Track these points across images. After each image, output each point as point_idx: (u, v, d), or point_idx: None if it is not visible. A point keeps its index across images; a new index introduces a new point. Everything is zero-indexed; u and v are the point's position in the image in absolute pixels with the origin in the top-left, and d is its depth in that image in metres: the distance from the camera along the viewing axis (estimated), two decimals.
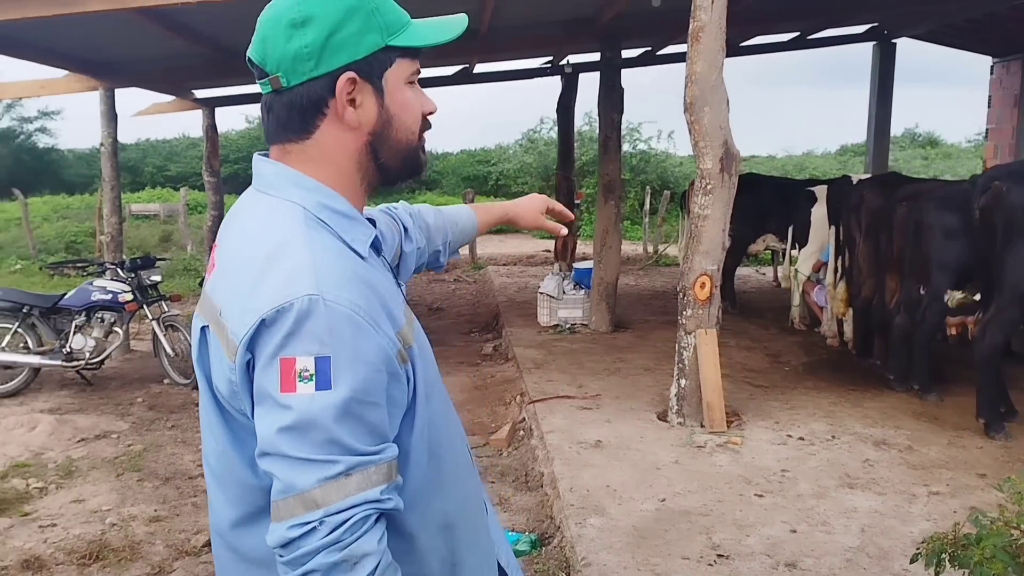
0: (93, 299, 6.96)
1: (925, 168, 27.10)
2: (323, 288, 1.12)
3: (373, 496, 1.12)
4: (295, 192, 1.25)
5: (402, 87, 1.29)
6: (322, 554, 1.10)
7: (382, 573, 1.13)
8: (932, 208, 5.65)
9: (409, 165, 1.34)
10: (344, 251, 1.22)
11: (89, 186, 31.37)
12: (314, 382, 1.10)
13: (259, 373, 1.13)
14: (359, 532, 1.11)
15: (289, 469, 1.11)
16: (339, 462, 1.10)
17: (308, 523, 1.10)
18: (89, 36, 6.99)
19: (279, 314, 1.11)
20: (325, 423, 1.10)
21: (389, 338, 1.19)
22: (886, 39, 11.53)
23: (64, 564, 3.80)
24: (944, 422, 5.40)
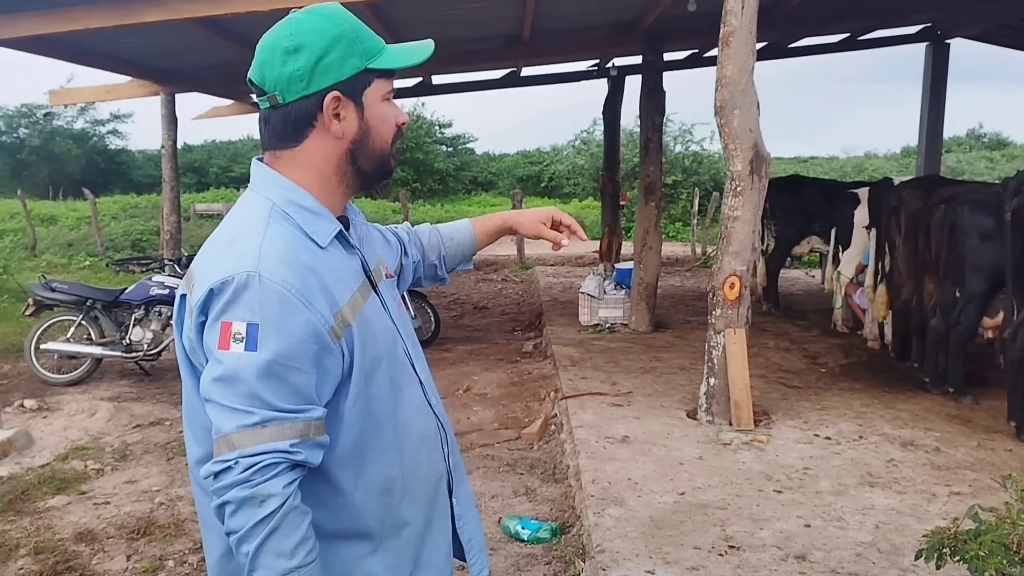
0: (152, 294, 7.32)
1: (990, 170, 26.43)
2: (261, 267, 1.35)
3: (283, 447, 1.32)
4: (271, 190, 1.49)
5: (379, 103, 1.52)
6: (235, 489, 1.31)
7: (286, 513, 1.32)
8: (966, 210, 5.64)
9: (382, 168, 1.56)
10: (298, 239, 1.43)
11: (157, 186, 32.24)
12: (244, 343, 1.32)
13: (206, 333, 1.37)
14: (267, 475, 1.31)
15: (218, 414, 1.34)
16: (255, 413, 1.32)
17: (226, 461, 1.32)
18: (149, 44, 7.36)
19: (223, 285, 1.35)
20: (248, 379, 1.32)
21: (321, 316, 1.38)
22: (939, 39, 11.39)
23: (114, 538, 4.09)
24: (976, 425, 5.39)
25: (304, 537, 1.35)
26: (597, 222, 20.38)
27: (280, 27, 1.47)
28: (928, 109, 11.59)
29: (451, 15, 7.25)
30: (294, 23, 1.46)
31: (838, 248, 8.73)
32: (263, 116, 1.52)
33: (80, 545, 3.99)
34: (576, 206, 25.51)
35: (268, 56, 1.45)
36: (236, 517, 1.32)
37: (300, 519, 1.35)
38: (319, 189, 1.50)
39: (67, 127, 32.10)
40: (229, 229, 1.47)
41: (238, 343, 1.33)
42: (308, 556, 1.35)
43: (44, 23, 5.21)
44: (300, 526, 1.35)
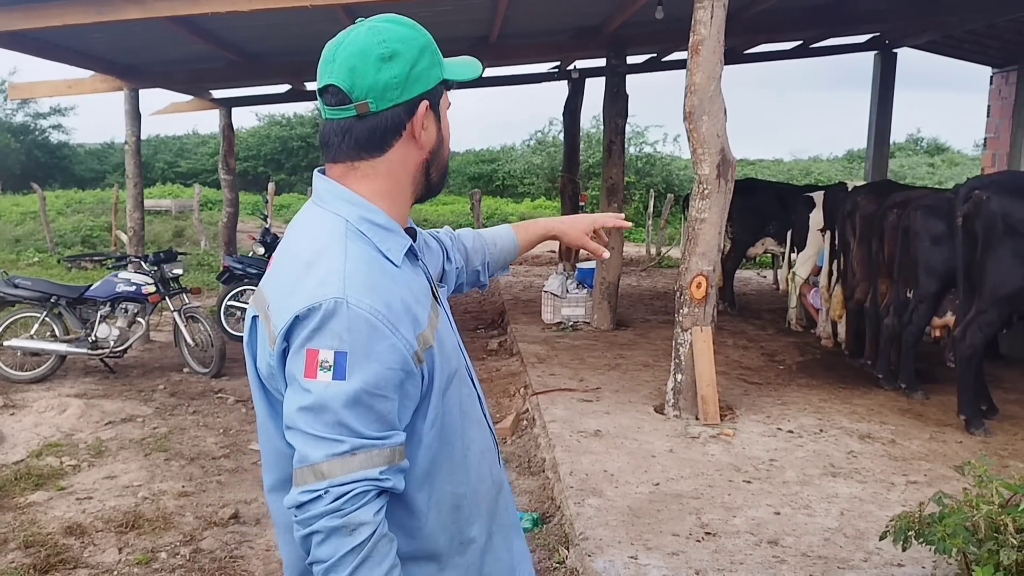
0: (118, 290, 7.28)
1: (931, 175, 27.30)
2: (348, 292, 1.32)
3: (373, 475, 1.31)
4: (341, 206, 1.44)
5: (446, 114, 1.54)
6: (325, 519, 1.29)
7: (376, 541, 1.31)
8: (920, 215, 5.94)
9: (445, 178, 1.58)
10: (376, 259, 1.40)
11: (101, 181, 31.78)
12: (332, 372, 1.29)
13: (290, 360, 1.34)
14: (358, 504, 1.30)
15: (304, 443, 1.31)
16: (345, 442, 1.30)
17: (315, 491, 1.29)
18: (118, 39, 7.31)
19: (310, 312, 1.31)
20: (336, 407, 1.29)
21: (407, 341, 1.36)
22: (887, 49, 11.80)
23: (103, 531, 4.12)
24: (928, 418, 5.69)
25: (393, 564, 1.34)
26: None
27: (365, 35, 1.43)
28: (876, 115, 12.00)
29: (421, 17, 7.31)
30: (382, 31, 1.43)
31: (792, 249, 9.04)
32: (342, 126, 1.45)
33: (70, 538, 4.02)
34: (529, 206, 25.71)
35: (359, 62, 1.41)
36: (325, 546, 1.30)
37: (389, 546, 1.35)
38: (391, 200, 1.48)
39: (6, 120, 31.29)
40: (304, 249, 1.42)
41: (325, 372, 1.30)
42: None
43: (22, 19, 5.17)
44: (389, 554, 1.34)
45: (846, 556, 3.62)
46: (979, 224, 5.21)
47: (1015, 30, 9.30)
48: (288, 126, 33.12)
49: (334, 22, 1.75)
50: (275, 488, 1.49)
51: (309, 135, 32.24)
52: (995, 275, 5.18)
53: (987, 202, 5.15)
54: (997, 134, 11.58)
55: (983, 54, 11.67)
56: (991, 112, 11.92)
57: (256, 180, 30.40)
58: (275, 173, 30.93)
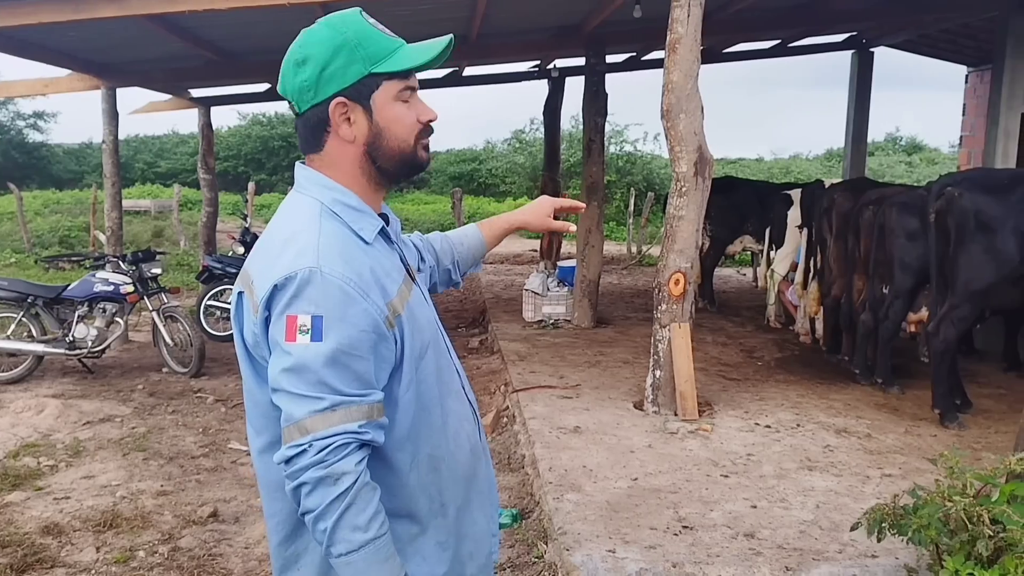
0: (96, 290, 7.23)
1: (909, 173, 27.56)
2: (322, 263, 1.45)
3: (352, 428, 1.43)
4: (317, 190, 1.58)
5: (391, 104, 1.57)
6: (311, 470, 1.41)
7: (359, 489, 1.43)
8: (894, 212, 6.01)
9: (407, 165, 1.63)
10: (349, 236, 1.53)
11: (79, 181, 31.55)
12: (310, 335, 1.42)
13: (272, 327, 1.46)
14: (340, 455, 1.41)
15: (289, 402, 1.43)
16: (324, 399, 1.42)
17: (300, 445, 1.42)
18: (95, 38, 7.26)
19: (287, 281, 1.44)
20: (315, 367, 1.42)
21: (377, 306, 1.49)
22: (864, 48, 11.91)
23: (81, 531, 4.10)
24: (903, 413, 5.75)
25: (377, 510, 1.46)
26: None
27: (296, 40, 1.58)
28: (854, 114, 12.11)
29: (399, 16, 7.34)
30: (305, 35, 1.57)
31: (771, 247, 9.11)
32: (295, 124, 1.64)
33: (47, 538, 4.00)
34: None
35: (284, 69, 1.57)
36: (312, 496, 1.41)
37: (372, 494, 1.46)
38: (353, 187, 1.60)
39: None
40: (284, 228, 1.56)
41: (304, 335, 1.42)
42: (381, 528, 1.46)
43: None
44: (372, 500, 1.45)
45: (821, 548, 3.66)
46: (951, 220, 5.27)
47: (989, 29, 9.41)
48: (269, 125, 32.98)
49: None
50: (264, 450, 1.59)
51: (290, 135, 32.09)
52: (967, 271, 5.25)
53: (959, 199, 5.22)
54: (973, 132, 11.72)
55: (958, 53, 11.81)
56: (967, 110, 12.06)
57: (237, 180, 30.27)
58: (256, 173, 30.80)
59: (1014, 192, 5.17)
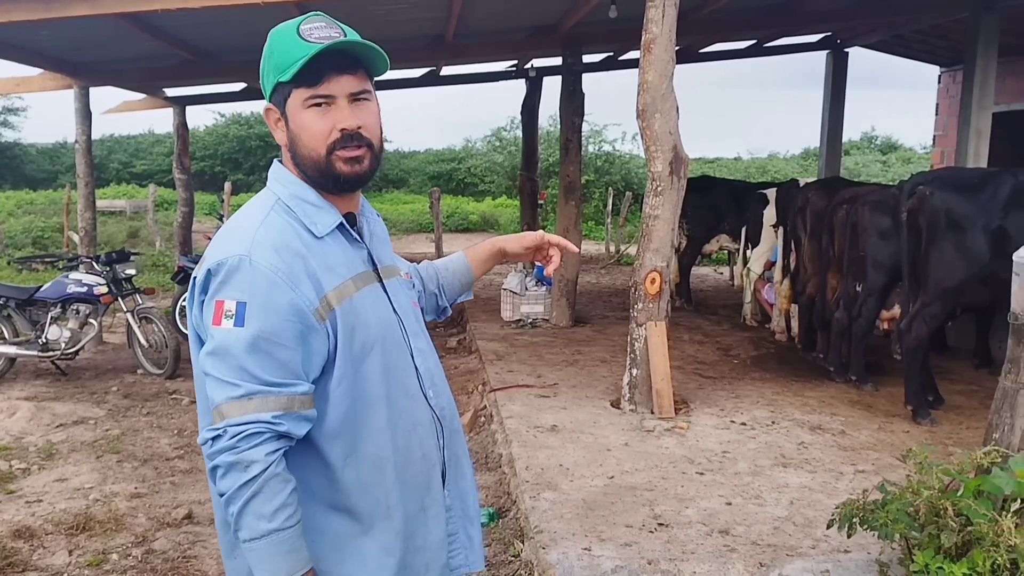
0: (69, 291, 7.16)
1: (884, 172, 27.82)
2: (253, 251, 1.51)
3: (265, 418, 1.46)
4: (278, 185, 1.65)
5: (300, 112, 1.58)
6: (223, 455, 1.46)
7: (267, 479, 1.46)
8: (867, 211, 6.07)
9: (325, 174, 1.61)
10: (294, 228, 1.57)
11: (53, 181, 31.19)
12: (233, 320, 1.47)
13: (204, 310, 1.53)
14: (251, 444, 1.45)
15: (211, 387, 1.50)
16: (241, 386, 1.47)
17: (216, 429, 1.47)
18: (67, 37, 7.19)
19: (219, 267, 1.51)
20: (236, 352, 1.47)
21: (307, 298, 1.52)
22: (839, 48, 12.01)
23: (53, 534, 4.06)
24: (877, 409, 5.81)
25: (284, 503, 1.47)
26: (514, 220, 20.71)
27: None
28: (829, 113, 12.20)
29: (376, 15, 7.33)
30: None
31: (747, 246, 9.17)
32: None
33: (19, 542, 3.95)
34: (489, 204, 25.73)
35: None
36: (224, 480, 1.46)
37: (281, 486, 1.48)
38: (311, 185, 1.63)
39: None
40: (236, 219, 1.63)
41: (229, 319, 1.48)
42: (287, 521, 1.48)
43: None
44: (280, 492, 1.47)
45: (795, 544, 3.70)
46: (923, 219, 5.34)
47: (960, 30, 9.52)
48: (247, 125, 32.72)
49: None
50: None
51: (267, 134, 31.88)
52: (939, 268, 5.31)
53: (930, 197, 5.28)
54: (946, 132, 11.85)
55: (931, 53, 11.94)
56: (939, 110, 12.20)
57: (213, 179, 30.05)
58: (232, 172, 30.57)
59: (984, 191, 5.24)
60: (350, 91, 1.58)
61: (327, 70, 1.55)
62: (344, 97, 1.57)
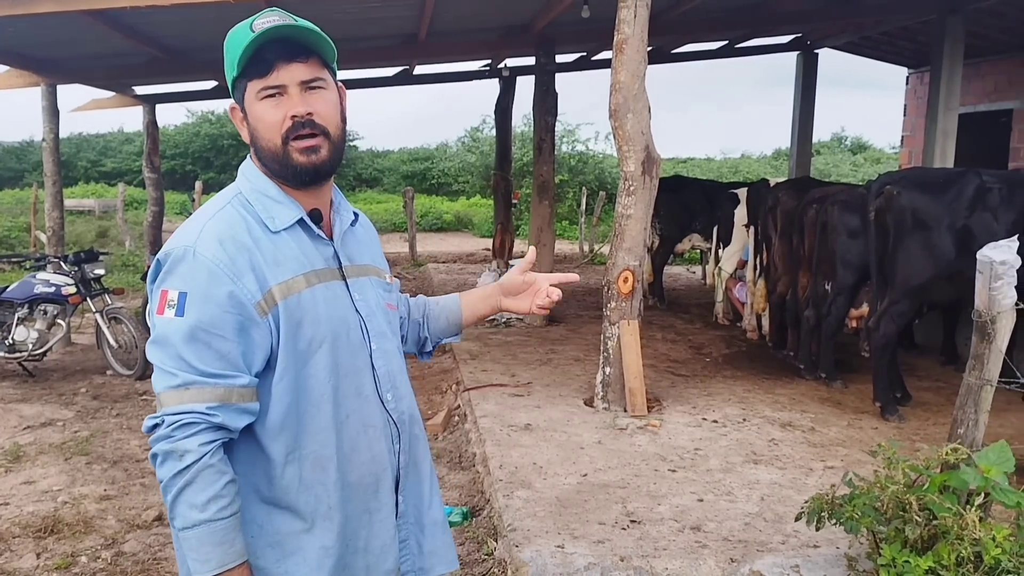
0: (36, 292, 7.06)
1: (854, 172, 28.13)
2: (198, 243, 1.52)
3: (200, 409, 1.47)
4: (243, 180, 1.66)
5: (255, 104, 1.59)
6: (160, 443, 1.47)
7: (200, 470, 1.46)
8: (836, 210, 6.14)
9: (284, 166, 1.61)
10: (247, 223, 1.57)
11: (20, 180, 30.71)
12: (175, 309, 1.49)
13: (151, 299, 1.56)
14: (185, 433, 1.46)
15: (155, 375, 1.52)
16: (178, 376, 1.48)
17: (155, 418, 1.49)
18: (34, 34, 7.08)
19: (165, 257, 1.54)
20: (175, 341, 1.48)
21: (248, 291, 1.52)
22: (808, 49, 12.14)
23: (20, 537, 4.01)
24: (846, 406, 5.89)
25: (217, 495, 1.47)
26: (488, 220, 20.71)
27: None
28: (799, 114, 12.34)
29: (349, 12, 7.30)
30: None
31: (719, 245, 9.25)
32: None
33: None
34: (464, 204, 25.72)
35: None
36: (161, 468, 1.48)
37: (215, 477, 1.48)
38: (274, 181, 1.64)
39: None
40: (196, 213, 1.65)
41: (171, 309, 1.49)
42: (219, 512, 1.48)
43: None
44: (214, 484, 1.47)
45: (765, 539, 3.74)
46: (890, 218, 5.41)
47: (927, 32, 9.66)
48: (219, 123, 32.43)
49: None
50: None
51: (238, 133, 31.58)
52: (906, 267, 5.39)
53: (897, 197, 5.36)
54: (913, 132, 12.03)
55: (899, 55, 12.11)
56: (907, 111, 12.38)
57: (184, 178, 29.75)
58: (204, 171, 30.28)
59: (949, 191, 5.32)
60: (301, 79, 1.57)
61: (276, 59, 1.55)
62: (296, 85, 1.57)
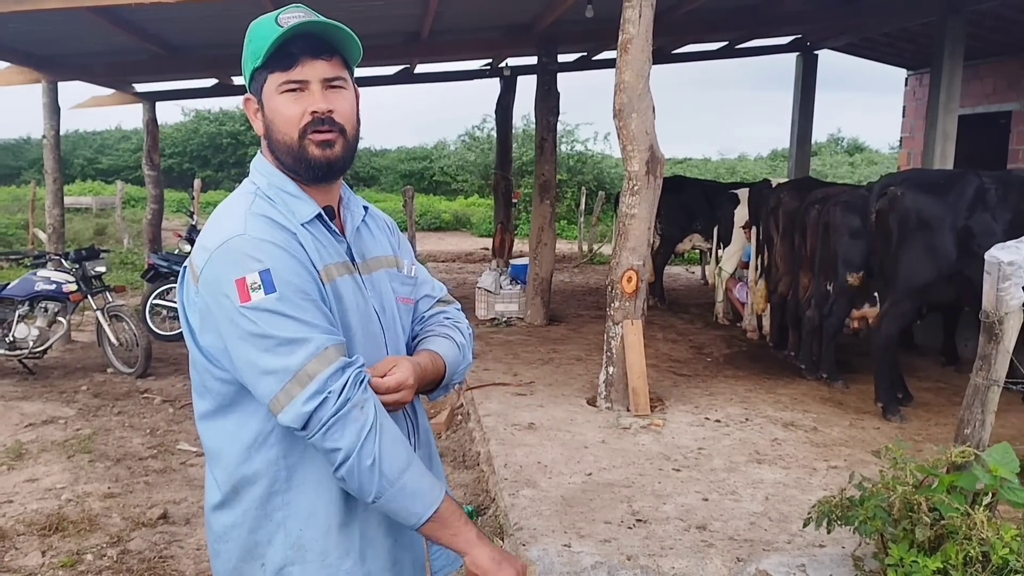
0: (37, 289, 7.04)
1: (851, 173, 28.16)
2: (248, 229, 1.51)
3: (346, 360, 1.48)
4: (258, 176, 1.65)
5: (274, 96, 1.59)
6: (339, 413, 1.44)
7: (379, 415, 1.47)
8: (838, 211, 6.15)
9: (297, 159, 1.60)
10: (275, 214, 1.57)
11: (16, 177, 30.63)
12: (263, 289, 1.45)
13: (217, 300, 1.49)
14: (358, 388, 1.46)
15: (276, 360, 1.45)
16: (311, 339, 1.45)
17: (311, 399, 1.43)
18: (36, 30, 7.07)
19: (221, 247, 1.49)
20: (287, 311, 1.45)
21: (309, 261, 1.53)
22: (808, 50, 12.16)
23: (25, 535, 4.00)
24: (847, 406, 5.90)
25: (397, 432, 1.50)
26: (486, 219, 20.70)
27: None
28: (799, 115, 12.36)
29: (351, 11, 7.29)
30: None
31: (719, 245, 9.26)
32: None
33: None
34: (462, 203, 25.70)
35: None
36: (343, 436, 1.44)
37: (387, 420, 1.50)
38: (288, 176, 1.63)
39: None
40: (221, 210, 1.63)
41: (257, 291, 1.45)
42: (407, 445, 1.51)
43: None
44: (390, 424, 1.49)
45: (771, 539, 3.74)
46: (893, 219, 5.42)
47: (927, 34, 9.69)
48: (217, 122, 32.36)
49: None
50: (206, 416, 1.62)
51: (238, 131, 31.58)
52: (908, 268, 5.40)
53: (901, 198, 5.37)
54: (912, 134, 12.07)
55: (898, 56, 12.13)
56: (906, 113, 12.41)
57: (182, 177, 29.67)
58: (202, 170, 30.20)
59: (950, 192, 5.34)
60: (324, 76, 1.57)
61: (301, 54, 1.55)
62: (318, 82, 1.57)
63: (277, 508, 1.58)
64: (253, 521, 1.59)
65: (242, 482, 1.59)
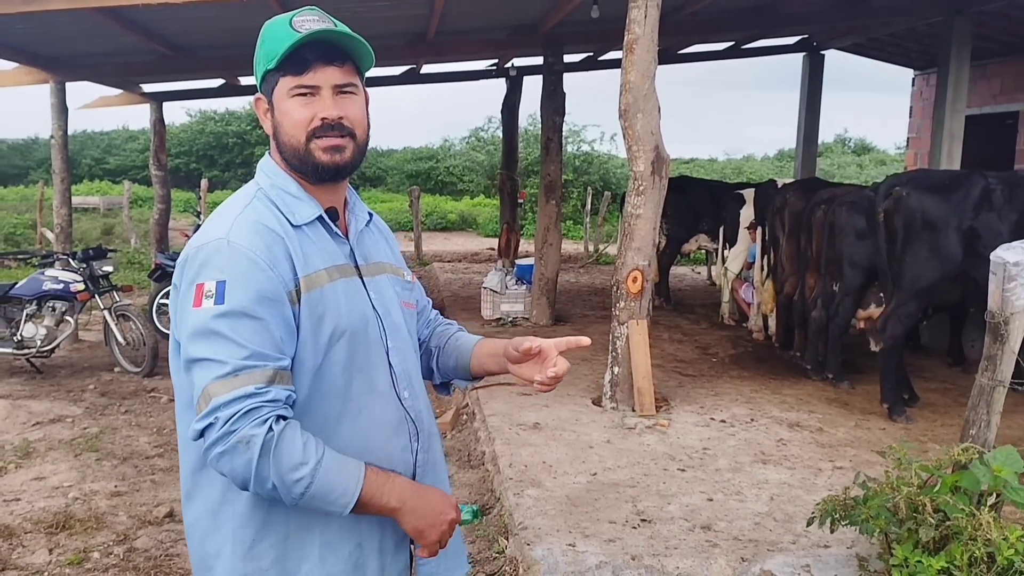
0: (45, 288, 7.07)
1: (858, 174, 28.12)
2: (231, 235, 1.52)
3: (250, 390, 1.44)
4: (263, 177, 1.67)
5: (285, 100, 1.60)
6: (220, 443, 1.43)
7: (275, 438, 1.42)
8: (844, 211, 6.15)
9: (303, 162, 1.61)
10: (272, 217, 1.58)
11: (24, 177, 30.78)
12: (214, 298, 1.47)
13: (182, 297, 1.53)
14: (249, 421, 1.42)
15: (197, 371, 1.47)
16: (227, 363, 1.44)
17: (204, 419, 1.44)
18: (44, 31, 7.11)
19: (197, 251, 1.53)
20: (218, 328, 1.46)
21: (283, 278, 1.52)
22: (815, 51, 12.14)
23: (32, 533, 4.02)
24: (853, 407, 5.90)
25: (305, 440, 1.46)
26: (492, 219, 20.72)
27: None
28: (805, 115, 12.34)
29: (357, 12, 7.31)
30: None
31: (725, 245, 9.26)
32: None
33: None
34: (468, 203, 25.72)
35: None
36: (232, 464, 1.43)
37: (292, 432, 1.46)
38: (293, 177, 1.65)
39: None
40: (219, 209, 1.65)
41: (209, 299, 1.47)
42: (318, 449, 1.47)
43: None
44: (295, 436, 1.45)
45: (775, 539, 3.75)
46: (899, 220, 5.41)
47: (934, 34, 9.67)
48: (223, 122, 32.43)
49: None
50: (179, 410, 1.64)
51: (244, 131, 31.64)
52: (913, 268, 5.39)
53: (907, 198, 5.36)
54: (919, 134, 12.03)
55: (905, 56, 12.11)
56: (913, 113, 12.38)
57: (188, 177, 29.77)
58: (208, 170, 30.30)
59: (956, 192, 5.33)
60: (335, 83, 1.59)
61: (314, 60, 1.57)
62: (329, 88, 1.59)
63: (227, 519, 1.59)
64: (204, 529, 1.61)
65: (195, 487, 1.63)
